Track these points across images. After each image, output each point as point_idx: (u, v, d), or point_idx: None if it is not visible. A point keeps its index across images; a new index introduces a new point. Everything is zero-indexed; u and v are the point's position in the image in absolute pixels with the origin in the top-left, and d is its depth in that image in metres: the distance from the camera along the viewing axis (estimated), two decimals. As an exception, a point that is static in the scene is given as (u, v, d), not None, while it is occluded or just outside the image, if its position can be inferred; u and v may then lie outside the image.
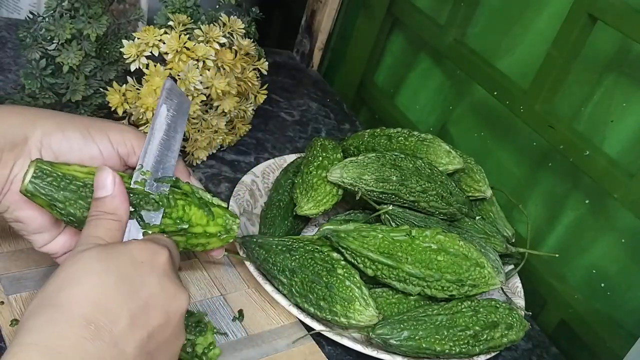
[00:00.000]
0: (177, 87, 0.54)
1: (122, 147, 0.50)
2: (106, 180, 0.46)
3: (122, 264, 0.41)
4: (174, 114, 0.53)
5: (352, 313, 0.56)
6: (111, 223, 0.45)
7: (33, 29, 0.68)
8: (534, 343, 0.72)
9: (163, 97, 0.52)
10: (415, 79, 1.04)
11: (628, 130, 0.72)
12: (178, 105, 0.53)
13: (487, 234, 0.71)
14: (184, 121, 0.54)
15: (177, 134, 0.53)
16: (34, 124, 0.47)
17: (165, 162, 0.51)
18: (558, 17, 0.75)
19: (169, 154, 0.52)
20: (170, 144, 0.52)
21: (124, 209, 0.46)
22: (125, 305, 0.39)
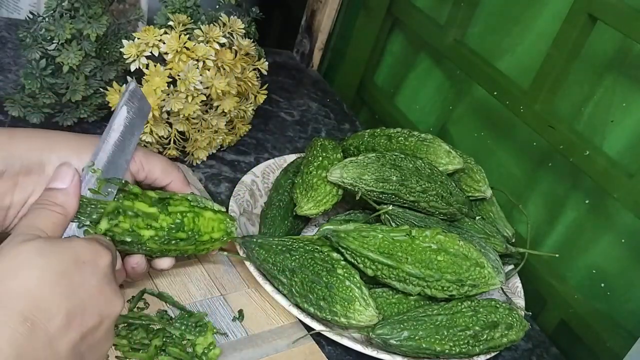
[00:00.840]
0: (140, 90, 0.54)
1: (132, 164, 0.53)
2: (66, 174, 0.47)
3: (64, 261, 0.40)
4: (133, 117, 0.53)
5: (352, 313, 0.56)
6: (56, 216, 0.45)
7: (33, 29, 0.68)
8: (534, 343, 0.72)
9: (125, 99, 0.52)
10: (415, 79, 1.04)
11: (628, 130, 0.72)
12: (138, 109, 0.53)
13: (487, 234, 0.71)
14: (142, 125, 0.54)
15: (133, 137, 0.53)
16: (50, 149, 0.48)
17: (117, 163, 0.51)
18: (558, 17, 0.75)
19: (122, 156, 0.52)
20: (124, 145, 0.52)
21: (72, 207, 0.46)
22: (62, 304, 0.39)
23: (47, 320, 0.38)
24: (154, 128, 0.69)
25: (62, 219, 0.45)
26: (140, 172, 0.54)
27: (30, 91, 0.68)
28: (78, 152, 0.49)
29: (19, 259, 0.39)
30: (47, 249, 0.40)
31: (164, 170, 0.55)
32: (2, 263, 0.39)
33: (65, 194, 0.46)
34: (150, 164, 0.55)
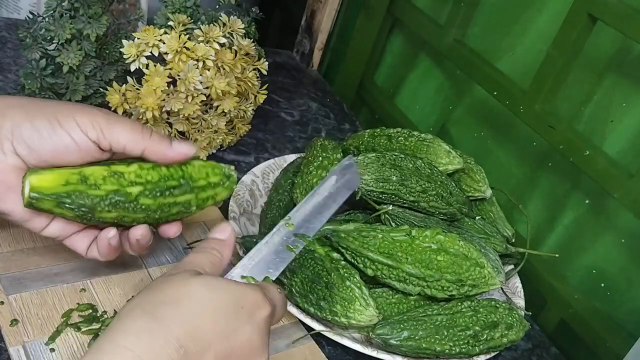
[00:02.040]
0: (355, 166, 0.60)
1: (91, 131, 0.47)
2: (227, 227, 0.51)
3: (226, 301, 0.41)
4: (340, 187, 0.58)
5: (352, 313, 0.56)
6: (216, 260, 0.48)
7: (33, 29, 0.68)
8: (534, 343, 0.72)
9: (338, 170, 0.59)
10: (415, 79, 1.04)
11: (628, 130, 0.72)
12: (347, 181, 0.59)
13: (487, 234, 0.71)
14: (345, 196, 0.59)
15: (333, 204, 0.57)
16: (3, 116, 0.46)
17: (311, 224, 0.55)
18: (558, 17, 0.75)
19: (317, 218, 0.56)
20: (322, 209, 0.56)
21: (227, 255, 0.49)
22: (215, 341, 0.40)
23: (198, 353, 0.39)
24: (153, 128, 0.69)
25: (219, 262, 0.48)
26: (102, 140, 0.48)
27: (30, 91, 0.68)
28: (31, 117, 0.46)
29: (187, 289, 0.41)
30: (214, 286, 0.42)
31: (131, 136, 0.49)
32: (170, 288, 0.41)
33: (224, 243, 0.50)
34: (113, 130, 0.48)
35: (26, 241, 0.58)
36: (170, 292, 0.41)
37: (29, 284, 0.54)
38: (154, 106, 0.66)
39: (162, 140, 0.50)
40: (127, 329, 0.38)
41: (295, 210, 0.54)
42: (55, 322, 0.52)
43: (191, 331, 0.39)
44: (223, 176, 0.55)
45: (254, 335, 0.42)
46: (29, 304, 0.53)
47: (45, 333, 0.51)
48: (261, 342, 0.43)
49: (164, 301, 0.40)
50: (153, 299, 0.40)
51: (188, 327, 0.39)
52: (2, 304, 0.52)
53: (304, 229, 0.54)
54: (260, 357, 0.43)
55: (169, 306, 0.40)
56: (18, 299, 0.53)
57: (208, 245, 0.49)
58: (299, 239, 0.53)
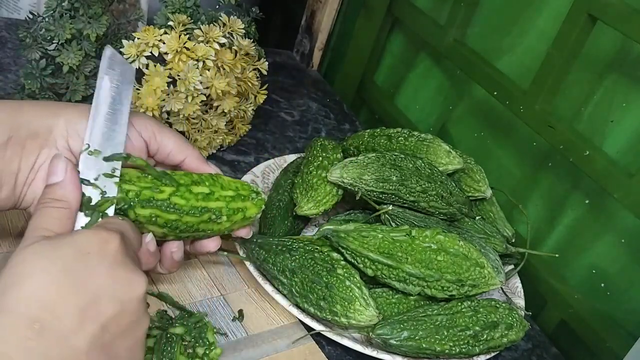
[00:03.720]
0: (118, 55, 0.50)
1: (144, 131, 0.51)
2: (57, 166, 0.45)
3: (66, 257, 0.39)
4: (118, 85, 0.49)
5: (352, 313, 0.56)
6: (60, 211, 0.44)
7: (33, 29, 0.68)
8: (534, 343, 0.72)
9: (104, 68, 0.49)
10: (415, 79, 1.04)
11: (628, 130, 0.72)
12: (121, 75, 0.50)
13: (487, 234, 0.71)
14: (129, 91, 0.50)
15: (123, 106, 0.49)
16: (56, 115, 0.48)
17: (114, 139, 0.48)
18: (558, 17, 0.75)
19: (117, 129, 0.48)
20: (117, 117, 0.48)
21: (74, 197, 0.45)
22: (71, 300, 0.38)
23: (57, 319, 0.37)
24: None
25: (66, 213, 0.44)
26: (152, 142, 0.52)
27: (30, 91, 0.68)
28: (86, 115, 0.48)
29: (23, 265, 0.39)
30: (49, 249, 0.39)
31: (177, 144, 0.53)
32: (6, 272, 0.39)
33: (62, 186, 0.45)
34: (163, 135, 0.52)
35: (26, 241, 0.58)
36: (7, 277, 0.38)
37: (29, 284, 0.54)
38: (154, 106, 0.66)
39: (200, 154, 0.55)
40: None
41: (89, 134, 0.46)
42: (55, 322, 0.52)
43: (39, 303, 0.37)
44: (252, 191, 0.56)
45: (115, 269, 0.41)
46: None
47: (45, 333, 0.51)
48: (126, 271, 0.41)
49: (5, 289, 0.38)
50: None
51: (34, 301, 0.37)
52: (2, 304, 0.52)
53: (110, 148, 0.47)
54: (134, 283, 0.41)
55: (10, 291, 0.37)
56: (18, 299, 0.53)
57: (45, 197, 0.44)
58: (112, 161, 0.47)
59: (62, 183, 0.45)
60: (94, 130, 0.47)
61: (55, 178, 0.45)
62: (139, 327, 0.42)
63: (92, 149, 0.47)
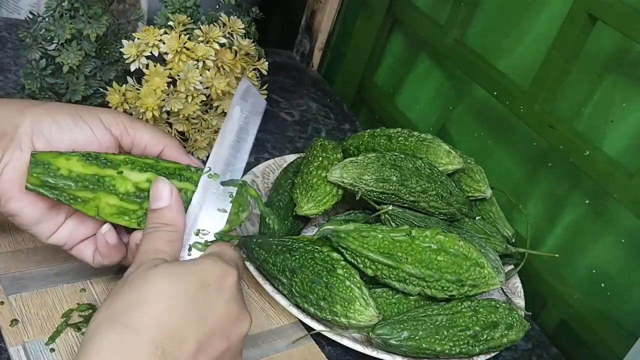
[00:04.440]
0: (253, 87, 0.53)
1: (114, 127, 0.49)
2: (163, 191, 0.46)
3: (191, 285, 0.40)
4: (247, 115, 0.52)
5: (352, 313, 0.56)
6: (170, 235, 0.45)
7: (33, 29, 0.68)
8: (534, 343, 0.72)
9: (238, 98, 0.51)
10: (415, 79, 1.04)
11: (628, 130, 0.72)
12: (252, 107, 0.52)
13: (487, 234, 0.71)
14: (256, 123, 0.53)
15: (248, 136, 0.52)
16: (22, 113, 0.47)
17: (234, 165, 0.50)
18: (558, 17, 0.75)
19: (238, 157, 0.51)
20: (240, 146, 0.51)
21: (181, 220, 0.46)
22: (192, 330, 0.39)
23: (177, 349, 0.38)
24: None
25: (175, 235, 0.45)
26: (125, 137, 0.50)
27: (30, 91, 0.68)
28: (51, 113, 0.47)
29: (148, 287, 0.40)
30: (174, 275, 0.40)
31: (153, 135, 0.52)
32: (131, 291, 0.39)
33: (170, 210, 0.46)
34: (137, 129, 0.51)
35: (26, 241, 0.58)
36: (132, 295, 0.39)
37: (29, 284, 0.54)
38: (154, 106, 0.66)
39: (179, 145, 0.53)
40: (99, 347, 0.37)
41: (213, 157, 0.49)
42: (55, 322, 0.52)
43: (164, 329, 0.38)
44: None
45: (230, 306, 0.42)
46: (29, 304, 0.53)
47: (45, 333, 0.51)
48: (238, 308, 0.42)
49: (129, 306, 0.39)
50: (117, 308, 0.39)
51: (160, 325, 0.38)
52: (2, 304, 0.52)
53: (229, 173, 0.50)
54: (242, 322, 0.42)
55: (135, 310, 0.38)
56: (18, 299, 0.53)
57: (154, 222, 0.45)
58: (229, 186, 0.49)
59: (170, 207, 0.46)
60: (218, 156, 0.50)
61: (162, 203, 0.46)
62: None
63: (212, 172, 0.49)
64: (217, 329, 0.41)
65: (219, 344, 0.41)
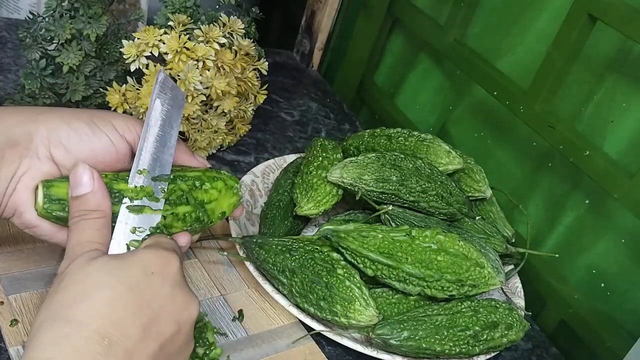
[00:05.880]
0: (170, 79, 0.52)
1: (128, 133, 0.50)
2: (83, 176, 0.45)
3: (133, 276, 0.40)
4: (169, 108, 0.51)
5: (352, 313, 0.56)
6: (98, 222, 0.44)
7: (33, 29, 0.68)
8: (534, 343, 0.72)
9: (156, 91, 0.50)
10: (415, 79, 1.04)
11: (628, 131, 0.72)
12: (172, 99, 0.51)
13: (487, 234, 0.71)
14: (179, 115, 0.52)
15: (172, 129, 0.51)
16: (36, 121, 0.47)
17: (162, 160, 0.50)
18: (558, 17, 0.75)
19: (165, 150, 0.50)
20: (165, 139, 0.50)
21: (107, 205, 0.45)
22: (137, 318, 0.39)
23: (123, 336, 0.38)
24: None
25: (103, 222, 0.44)
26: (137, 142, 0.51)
27: (30, 91, 0.68)
28: (67, 121, 0.47)
29: (89, 280, 0.39)
30: (115, 267, 0.40)
31: None
32: (73, 286, 0.39)
33: (94, 196, 0.45)
34: None
35: (26, 241, 0.58)
36: (73, 290, 0.39)
37: (29, 284, 0.54)
38: (154, 106, 0.66)
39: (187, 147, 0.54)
40: (43, 343, 0.37)
41: (138, 154, 0.48)
42: (55, 322, 0.52)
43: (109, 319, 0.38)
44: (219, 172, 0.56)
45: (175, 291, 0.42)
46: (29, 304, 0.53)
47: (45, 333, 0.51)
48: (185, 293, 0.42)
49: (72, 301, 0.38)
50: (59, 303, 0.38)
51: (104, 316, 0.38)
52: (2, 304, 0.52)
53: (158, 168, 0.49)
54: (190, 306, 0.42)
55: (77, 305, 0.38)
56: (18, 299, 0.53)
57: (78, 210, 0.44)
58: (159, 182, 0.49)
59: (93, 192, 0.45)
60: (144, 152, 0.49)
61: (84, 189, 0.45)
62: (188, 349, 0.44)
63: (141, 168, 0.48)
64: (164, 315, 0.40)
65: (168, 329, 0.40)
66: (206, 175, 0.55)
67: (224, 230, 0.68)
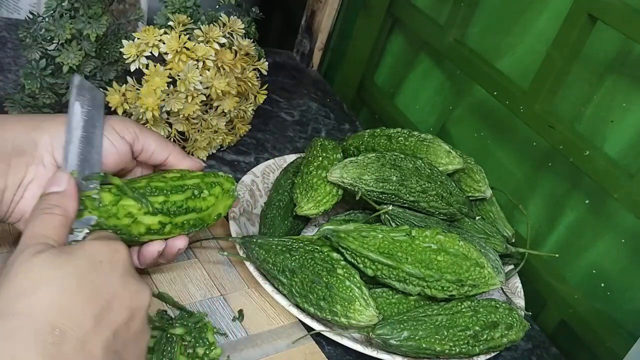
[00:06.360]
0: (87, 82, 0.53)
1: (127, 135, 0.53)
2: (61, 178, 0.46)
3: (81, 266, 0.40)
4: (89, 109, 0.52)
5: (352, 313, 0.56)
6: (60, 219, 0.44)
7: (33, 29, 0.68)
8: (534, 343, 0.72)
9: (74, 95, 0.51)
10: (415, 79, 1.04)
11: (628, 131, 0.72)
12: (91, 100, 0.52)
13: (487, 234, 0.71)
14: (100, 114, 0.53)
15: (96, 129, 0.51)
16: (39, 129, 0.48)
17: (90, 159, 0.50)
18: (558, 17, 0.75)
19: (93, 150, 0.50)
20: (91, 139, 0.51)
21: (73, 208, 0.45)
22: (88, 306, 0.39)
23: (75, 326, 0.38)
24: (153, 128, 0.69)
25: (64, 221, 0.44)
26: (136, 144, 0.54)
27: (30, 91, 0.68)
28: None
29: (35, 273, 0.39)
30: (61, 260, 0.40)
31: (159, 143, 0.55)
32: (18, 279, 0.39)
33: (62, 195, 0.45)
34: (145, 136, 0.54)
35: (26, 241, 0.58)
36: (19, 284, 0.38)
37: (29, 284, 0.54)
38: (154, 106, 0.66)
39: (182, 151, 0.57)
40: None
41: (65, 157, 0.48)
42: (55, 322, 0.52)
43: (59, 310, 0.37)
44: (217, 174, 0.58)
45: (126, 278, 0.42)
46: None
47: (45, 333, 0.51)
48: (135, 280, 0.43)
49: (18, 295, 0.38)
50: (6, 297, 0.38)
51: (53, 307, 0.37)
52: (2, 304, 0.52)
53: (87, 169, 0.49)
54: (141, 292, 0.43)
55: (24, 298, 0.38)
56: (18, 299, 0.53)
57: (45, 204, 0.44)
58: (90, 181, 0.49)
59: (64, 192, 0.46)
60: (71, 154, 0.49)
61: (58, 188, 0.46)
62: (144, 336, 0.43)
63: (70, 170, 0.48)
64: (116, 302, 0.40)
65: (120, 316, 0.40)
66: (204, 182, 0.56)
67: (224, 230, 0.68)
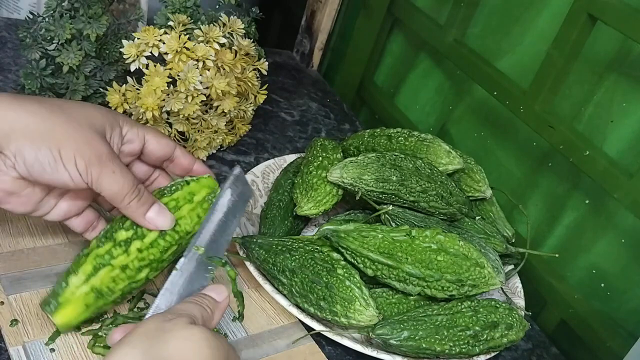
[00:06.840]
0: (244, 176, 0.58)
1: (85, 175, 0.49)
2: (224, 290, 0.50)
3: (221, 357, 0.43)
4: (236, 200, 0.56)
5: (352, 313, 0.56)
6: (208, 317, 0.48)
7: (33, 29, 0.68)
8: (534, 343, 0.72)
9: (230, 182, 0.55)
10: (415, 79, 1.04)
11: (628, 131, 0.72)
12: (241, 193, 0.57)
13: (487, 234, 0.71)
14: (243, 208, 0.57)
15: (234, 219, 0.56)
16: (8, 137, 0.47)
17: (218, 243, 0.54)
18: (558, 17, 0.75)
19: (223, 237, 0.54)
20: (226, 226, 0.55)
21: (218, 317, 0.49)
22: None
23: None
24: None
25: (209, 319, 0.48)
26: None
27: (30, 91, 0.68)
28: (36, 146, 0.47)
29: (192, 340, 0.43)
30: (213, 342, 0.43)
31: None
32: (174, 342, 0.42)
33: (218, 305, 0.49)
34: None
35: (26, 241, 0.58)
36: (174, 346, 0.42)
37: (29, 284, 0.54)
38: (154, 106, 0.66)
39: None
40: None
41: (199, 233, 0.53)
42: (55, 322, 0.52)
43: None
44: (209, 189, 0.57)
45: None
46: (29, 304, 0.53)
47: (45, 333, 0.51)
48: None
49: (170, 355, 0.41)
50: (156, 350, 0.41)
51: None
52: (2, 304, 0.52)
53: (213, 249, 0.53)
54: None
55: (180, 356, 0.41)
56: (18, 299, 0.53)
57: (202, 300, 0.49)
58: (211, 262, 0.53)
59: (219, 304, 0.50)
60: (204, 232, 0.53)
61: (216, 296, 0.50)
62: None
63: (198, 245, 0.52)
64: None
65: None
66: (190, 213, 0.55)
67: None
